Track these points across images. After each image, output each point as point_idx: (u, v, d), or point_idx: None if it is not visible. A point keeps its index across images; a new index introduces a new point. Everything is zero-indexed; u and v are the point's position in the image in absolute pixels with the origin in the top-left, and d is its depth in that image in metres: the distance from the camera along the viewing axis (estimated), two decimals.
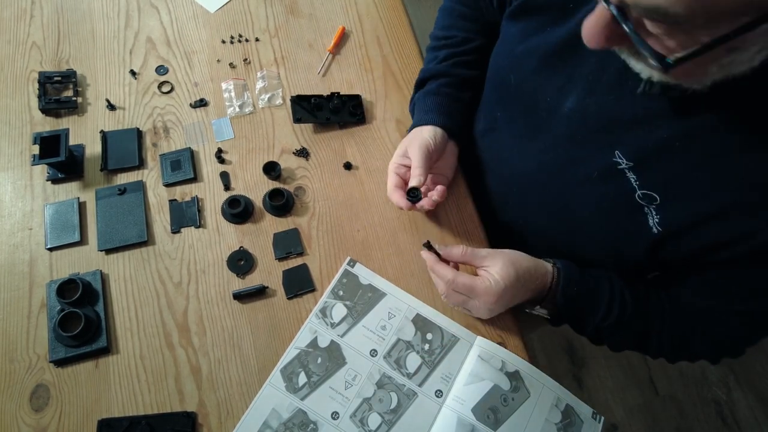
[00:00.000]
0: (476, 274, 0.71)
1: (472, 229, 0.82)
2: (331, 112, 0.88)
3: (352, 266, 0.78)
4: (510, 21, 0.75)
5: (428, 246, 0.73)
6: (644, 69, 0.52)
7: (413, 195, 0.74)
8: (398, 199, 0.75)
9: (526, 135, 0.74)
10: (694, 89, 0.51)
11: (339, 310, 0.75)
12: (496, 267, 0.68)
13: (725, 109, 0.54)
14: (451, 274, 0.69)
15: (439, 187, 0.75)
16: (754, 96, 0.52)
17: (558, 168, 0.70)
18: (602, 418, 0.71)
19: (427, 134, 0.78)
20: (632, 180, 0.62)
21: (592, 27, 0.49)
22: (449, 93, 0.83)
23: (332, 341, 0.73)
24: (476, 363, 0.71)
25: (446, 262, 0.73)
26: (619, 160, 0.62)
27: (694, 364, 1.70)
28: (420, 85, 0.86)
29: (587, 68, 0.64)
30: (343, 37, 0.98)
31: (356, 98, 0.90)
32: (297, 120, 0.87)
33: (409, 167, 0.78)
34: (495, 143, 0.81)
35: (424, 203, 0.74)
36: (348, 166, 0.86)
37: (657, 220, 0.62)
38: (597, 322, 0.70)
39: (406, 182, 0.78)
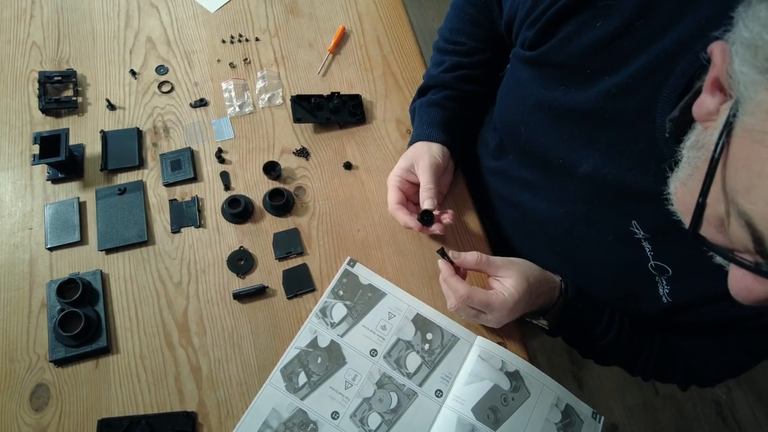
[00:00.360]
0: (487, 282, 0.71)
1: (473, 228, 0.82)
2: (331, 111, 0.88)
3: (352, 266, 0.78)
4: (522, 63, 0.69)
5: (442, 253, 0.71)
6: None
7: (427, 218, 0.73)
8: (404, 218, 0.74)
9: (539, 185, 0.72)
10: None
11: (339, 310, 0.75)
12: (512, 279, 0.67)
13: None
14: (466, 291, 0.67)
15: (450, 212, 0.75)
16: None
17: (572, 223, 0.69)
18: (602, 417, 0.71)
19: (436, 152, 0.77)
20: (647, 249, 0.62)
21: (762, 293, 0.40)
22: (454, 108, 0.82)
23: (332, 341, 0.73)
24: (476, 363, 0.71)
25: (457, 269, 0.71)
26: (636, 231, 0.62)
27: None
28: (423, 91, 0.85)
29: (607, 137, 0.61)
30: (343, 37, 0.98)
31: (356, 98, 0.90)
32: (297, 120, 0.87)
33: (412, 183, 0.77)
34: (506, 184, 0.79)
35: (436, 228, 0.73)
36: (348, 165, 0.86)
37: (667, 290, 0.63)
38: (593, 340, 0.72)
39: (408, 198, 0.77)
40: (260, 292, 0.75)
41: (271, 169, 0.84)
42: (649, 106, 0.55)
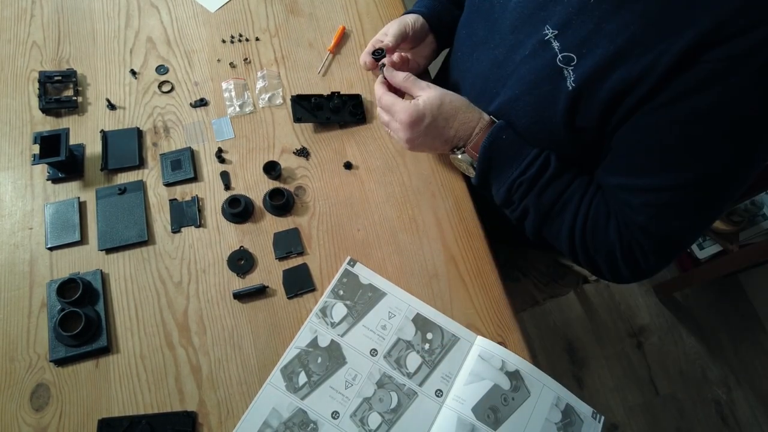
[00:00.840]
0: None
1: (473, 227, 0.82)
2: (332, 111, 0.88)
3: (353, 266, 0.78)
4: None
5: (375, 55, 0.79)
6: None
7: (377, 54, 0.79)
8: (364, 57, 0.82)
9: (482, 40, 0.78)
10: None
11: (339, 310, 0.75)
12: (426, 94, 0.72)
13: None
14: (380, 92, 0.75)
15: (398, 54, 0.81)
16: None
17: (504, 58, 0.73)
18: (602, 417, 0.71)
19: (409, 18, 0.85)
20: (556, 47, 0.66)
21: None
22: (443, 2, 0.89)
23: (332, 341, 0.73)
24: (476, 362, 0.71)
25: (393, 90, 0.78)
26: (547, 32, 0.66)
27: (693, 363, 1.70)
28: None
29: None
30: (343, 37, 0.98)
31: (356, 98, 0.90)
32: (297, 120, 0.87)
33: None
34: (462, 59, 0.85)
35: (385, 61, 0.78)
36: (348, 165, 0.86)
37: (572, 78, 0.64)
38: (514, 177, 0.71)
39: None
40: (260, 292, 0.75)
41: (272, 168, 0.84)
42: None
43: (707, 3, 0.54)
